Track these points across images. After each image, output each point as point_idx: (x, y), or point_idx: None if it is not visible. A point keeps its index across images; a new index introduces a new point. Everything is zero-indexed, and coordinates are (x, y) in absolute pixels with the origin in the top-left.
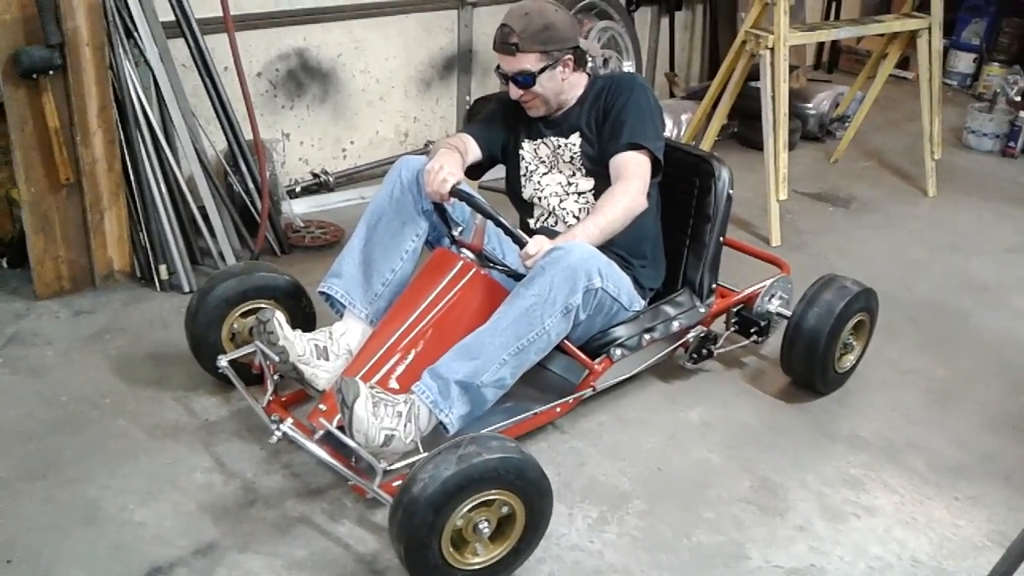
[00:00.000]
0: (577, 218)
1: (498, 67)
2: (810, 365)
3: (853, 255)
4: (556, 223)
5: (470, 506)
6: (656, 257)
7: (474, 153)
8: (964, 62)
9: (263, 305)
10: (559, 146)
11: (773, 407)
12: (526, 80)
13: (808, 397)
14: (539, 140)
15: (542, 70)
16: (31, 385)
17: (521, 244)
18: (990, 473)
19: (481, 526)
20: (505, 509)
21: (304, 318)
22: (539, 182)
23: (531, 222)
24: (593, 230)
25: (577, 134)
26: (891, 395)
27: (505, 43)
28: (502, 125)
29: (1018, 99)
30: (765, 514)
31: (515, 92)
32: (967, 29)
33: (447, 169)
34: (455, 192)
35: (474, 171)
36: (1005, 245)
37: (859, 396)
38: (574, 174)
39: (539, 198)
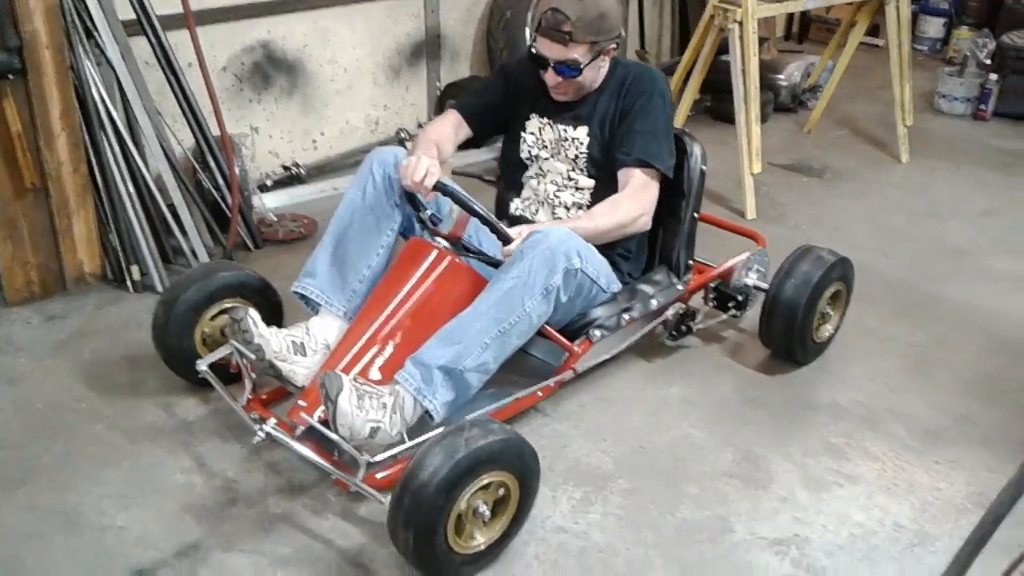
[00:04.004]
0: (569, 210)
1: (535, 50)
2: (789, 336)
3: (829, 225)
4: (538, 211)
5: (475, 488)
6: (640, 251)
7: (464, 131)
8: (934, 27)
9: (230, 305)
10: (565, 138)
11: (753, 380)
12: (572, 71)
13: (788, 368)
14: (547, 120)
15: (591, 60)
16: (6, 393)
17: (504, 240)
18: (968, 436)
19: (481, 509)
20: (501, 491)
21: (272, 310)
22: (541, 167)
23: (514, 203)
24: (580, 230)
25: (586, 129)
26: (870, 363)
27: (557, 30)
28: (502, 97)
29: (988, 62)
30: (748, 487)
31: (552, 79)
32: None
33: (426, 163)
34: (437, 187)
35: (472, 144)
36: (979, 209)
37: (838, 365)
38: (574, 170)
39: (537, 182)
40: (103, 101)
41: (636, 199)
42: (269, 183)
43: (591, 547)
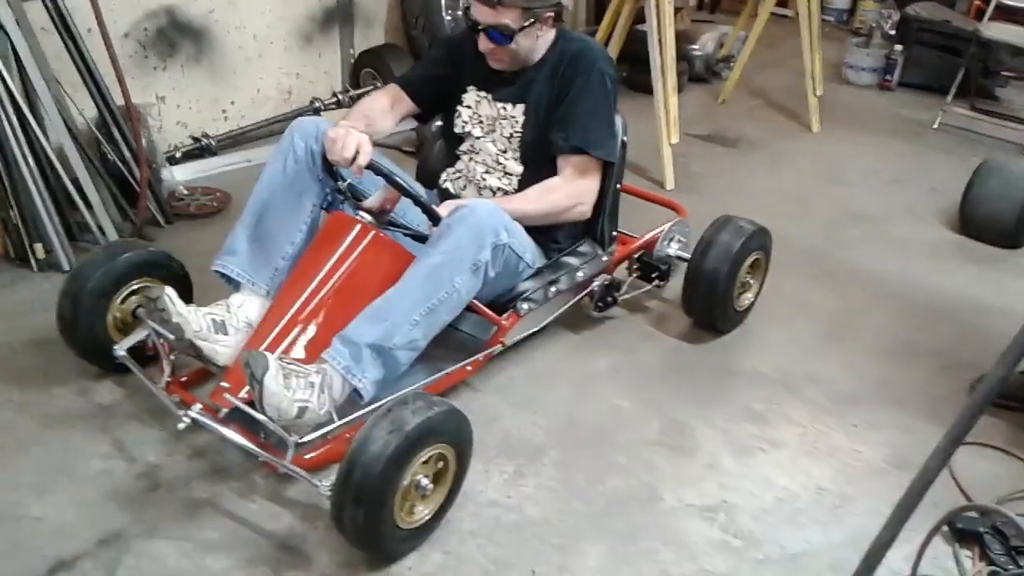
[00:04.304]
0: (494, 193)
1: (467, 11)
2: (710, 306)
3: (744, 194)
4: (465, 187)
5: (420, 461)
6: (574, 230)
7: (405, 105)
8: None
9: (139, 285)
10: (501, 116)
11: (677, 349)
12: (501, 36)
13: (710, 337)
14: (484, 95)
15: (521, 28)
16: None
17: (435, 221)
18: (884, 399)
19: (423, 482)
20: (440, 464)
21: (181, 288)
22: (473, 144)
23: (444, 174)
24: (509, 210)
25: (523, 108)
26: (788, 329)
27: None
28: (444, 68)
29: (892, 33)
30: (675, 455)
31: (485, 45)
32: None
33: (356, 137)
34: (369, 165)
35: (420, 119)
36: (887, 176)
37: (758, 333)
38: (506, 152)
39: (469, 159)
40: None
41: (571, 187)
42: (178, 155)
43: (524, 520)
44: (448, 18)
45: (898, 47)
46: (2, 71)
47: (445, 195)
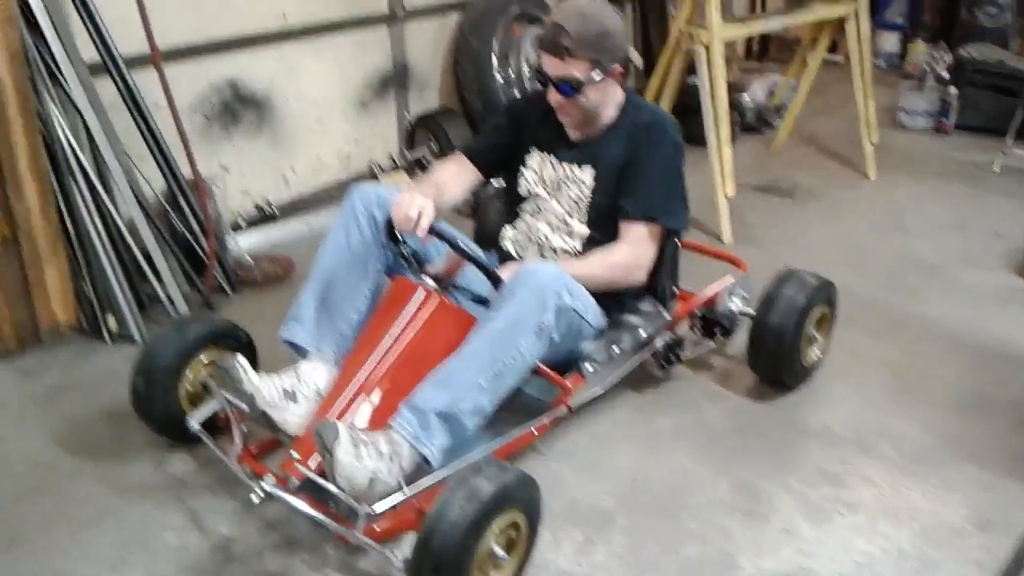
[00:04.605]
0: (557, 255)
1: (538, 67)
2: (777, 362)
3: (803, 245)
4: (528, 248)
5: (497, 528)
6: (636, 289)
7: (471, 174)
8: (890, 41)
9: (207, 358)
10: (568, 178)
11: (744, 407)
12: (570, 88)
13: (777, 394)
14: (549, 156)
15: (590, 80)
16: None
17: (497, 284)
18: (960, 456)
19: (496, 550)
20: (512, 531)
21: (246, 356)
22: (537, 205)
23: (506, 234)
24: (571, 273)
25: (592, 172)
26: (856, 384)
27: (555, 44)
28: (507, 133)
29: (946, 75)
30: (749, 519)
31: (555, 97)
32: (890, 9)
33: (420, 201)
34: (432, 230)
35: (485, 180)
36: (947, 223)
37: (826, 388)
38: (572, 213)
39: (532, 219)
40: (71, 146)
41: (633, 254)
42: (242, 223)
43: None
44: (500, 79)
45: (952, 89)
46: (75, 147)
47: (506, 256)
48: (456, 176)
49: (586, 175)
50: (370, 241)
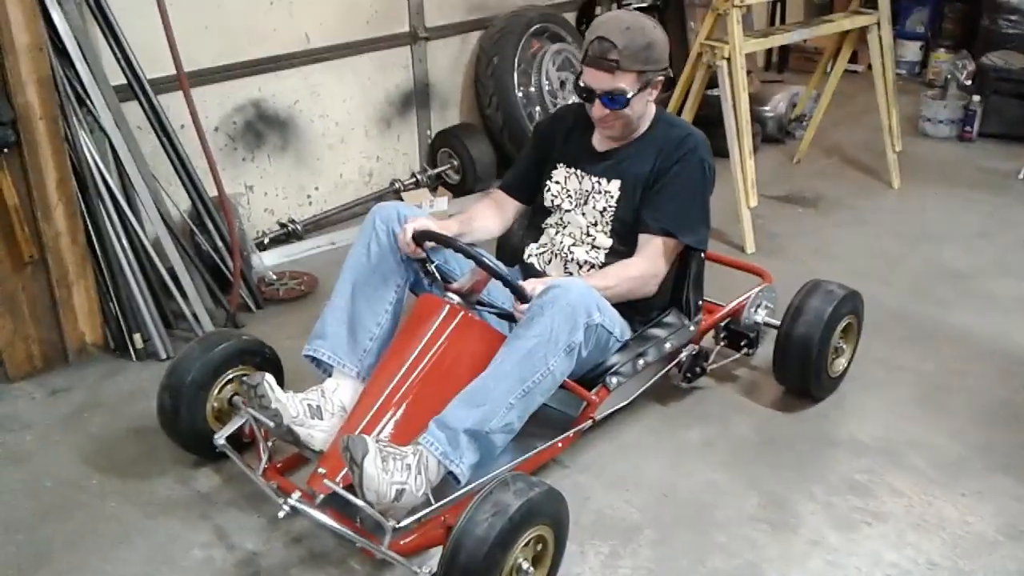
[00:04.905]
0: (581, 267)
1: (582, 83)
2: (804, 373)
3: (828, 255)
4: (551, 261)
5: (523, 543)
6: (661, 301)
7: (511, 206)
8: (911, 50)
9: (233, 374)
10: (595, 191)
11: (771, 419)
12: (619, 101)
13: (804, 405)
14: (574, 170)
15: (638, 91)
16: (13, 473)
17: (520, 296)
18: (990, 465)
19: (524, 565)
20: (539, 546)
21: (273, 373)
22: (562, 218)
23: (529, 248)
24: (593, 285)
25: (619, 184)
26: (884, 394)
27: (604, 59)
28: (536, 155)
29: (968, 83)
30: (777, 531)
31: (600, 111)
32: (911, 17)
33: (412, 222)
34: (439, 240)
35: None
36: (973, 231)
37: (853, 399)
38: (596, 225)
39: (555, 232)
40: (98, 169)
41: (649, 267)
42: (266, 241)
43: None
44: (520, 95)
45: (975, 97)
46: (102, 169)
47: (529, 270)
48: (489, 209)
49: (613, 187)
50: (389, 256)
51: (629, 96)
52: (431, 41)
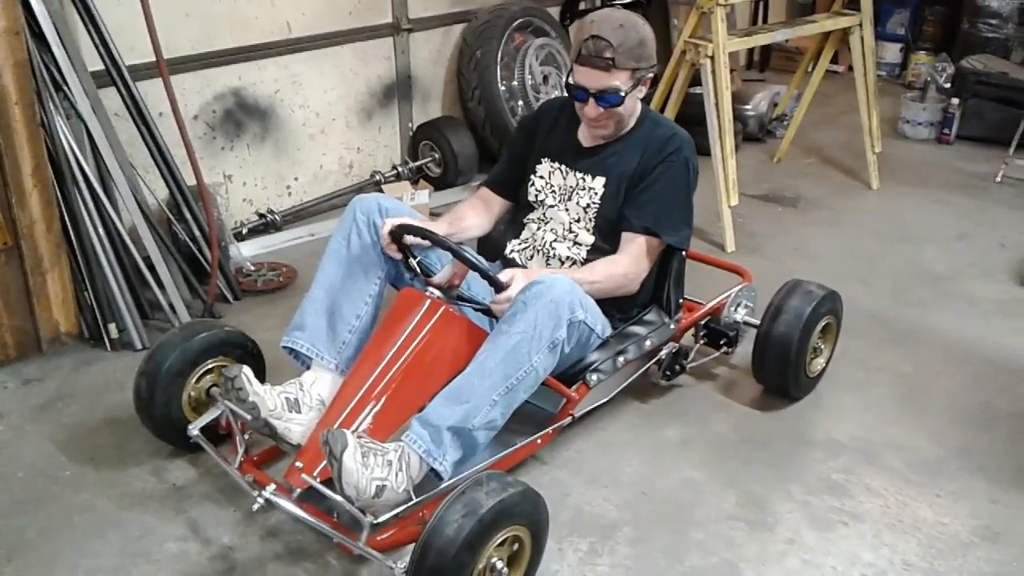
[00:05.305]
0: (563, 263)
1: (572, 81)
2: (782, 372)
3: (807, 254)
4: (533, 257)
5: (495, 544)
6: (642, 298)
7: (497, 203)
8: (891, 52)
9: (213, 364)
10: (579, 187)
11: (749, 417)
12: (614, 99)
13: (782, 404)
14: (559, 165)
15: (631, 89)
16: None
17: (497, 288)
18: (966, 466)
19: (498, 565)
20: (515, 546)
21: (255, 366)
22: (544, 213)
23: (511, 244)
24: (579, 283)
25: (603, 181)
26: (862, 395)
27: (599, 57)
28: (520, 151)
29: (947, 86)
30: (754, 530)
31: (593, 111)
32: (891, 19)
33: (391, 220)
34: (415, 232)
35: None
36: (952, 232)
37: (831, 399)
38: (579, 221)
39: (537, 228)
40: (75, 156)
41: (631, 266)
42: (244, 231)
43: None
44: (503, 89)
45: (954, 100)
46: (78, 155)
47: (511, 266)
48: (476, 207)
49: (597, 184)
50: (369, 248)
51: (623, 94)
52: (414, 33)
